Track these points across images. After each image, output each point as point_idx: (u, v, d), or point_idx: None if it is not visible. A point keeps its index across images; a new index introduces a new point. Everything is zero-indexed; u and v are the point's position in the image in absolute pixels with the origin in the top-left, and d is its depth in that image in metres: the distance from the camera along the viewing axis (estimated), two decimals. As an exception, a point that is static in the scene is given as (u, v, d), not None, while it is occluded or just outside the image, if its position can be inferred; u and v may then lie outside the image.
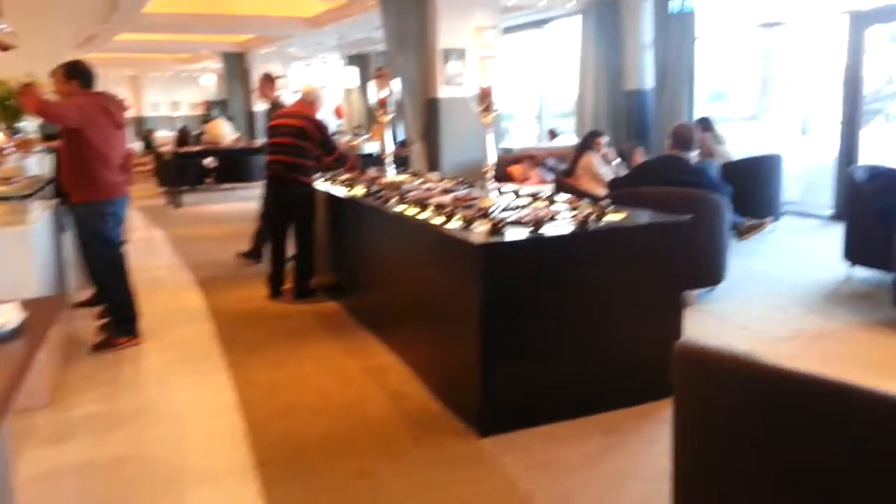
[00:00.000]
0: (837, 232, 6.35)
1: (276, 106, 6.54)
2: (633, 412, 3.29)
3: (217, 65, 17.74)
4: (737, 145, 8.12)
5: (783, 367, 1.59)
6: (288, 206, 5.35)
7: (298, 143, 5.25)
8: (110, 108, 4.35)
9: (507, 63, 11.60)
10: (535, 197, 4.14)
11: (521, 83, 12.55)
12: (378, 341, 4.39)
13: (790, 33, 8.68)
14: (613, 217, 3.41)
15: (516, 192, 4.34)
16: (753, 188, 6.97)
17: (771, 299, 5.14)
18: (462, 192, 4.26)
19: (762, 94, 9.23)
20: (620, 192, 4.92)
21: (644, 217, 3.51)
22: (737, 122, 9.26)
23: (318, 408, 3.51)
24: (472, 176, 6.05)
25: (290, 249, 5.50)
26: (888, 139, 7.72)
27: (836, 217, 7.77)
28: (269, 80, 6.80)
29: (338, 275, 5.37)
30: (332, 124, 14.00)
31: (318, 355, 4.24)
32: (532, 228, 3.18)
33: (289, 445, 3.12)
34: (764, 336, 4.40)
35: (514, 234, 3.14)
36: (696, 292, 4.96)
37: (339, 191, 5.11)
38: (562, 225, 3.28)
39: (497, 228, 3.14)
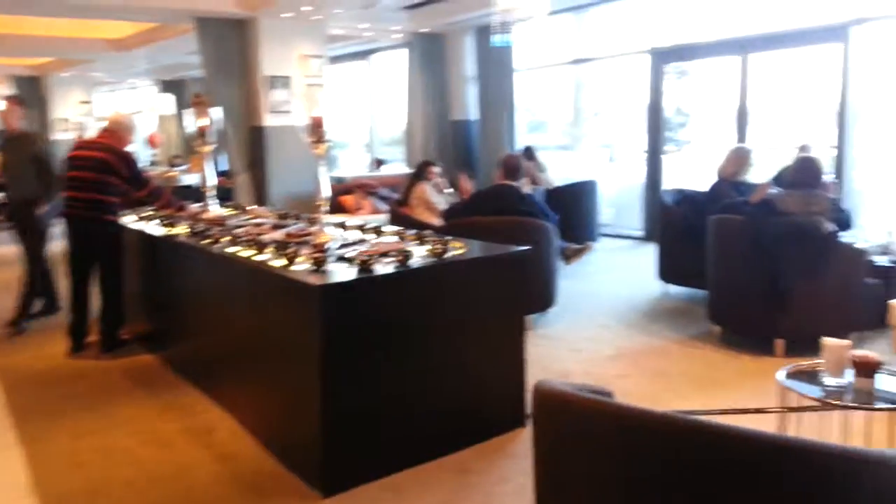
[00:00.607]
0: (649, 251, 6.86)
1: (15, 136, 5.69)
2: (485, 448, 3.21)
3: (8, 90, 15.92)
4: (556, 173, 8.58)
5: (632, 406, 1.65)
6: (90, 248, 4.77)
7: (100, 177, 4.70)
8: None
9: (334, 92, 11.48)
10: (363, 229, 4.00)
11: (349, 112, 12.49)
12: (203, 396, 3.96)
13: (598, 69, 9.37)
14: (454, 250, 3.34)
15: (343, 225, 4.18)
16: (574, 213, 7.35)
17: (597, 319, 5.38)
18: (295, 228, 4.01)
19: (574, 125, 9.85)
20: (456, 221, 4.93)
21: (488, 249, 3.48)
22: (553, 150, 9.79)
23: (130, 481, 3.06)
24: (303, 208, 5.80)
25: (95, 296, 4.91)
26: (681, 164, 8.51)
27: (647, 237, 8.42)
28: (13, 103, 5.83)
29: (154, 323, 4.86)
30: (146, 154, 13.06)
31: (130, 418, 3.74)
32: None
33: (99, 528, 2.69)
34: (595, 356, 4.56)
35: (349, 274, 2.96)
36: (530, 317, 5.07)
37: (156, 229, 4.64)
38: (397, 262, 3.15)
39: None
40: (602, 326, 5.21)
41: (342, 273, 2.97)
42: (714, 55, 7.97)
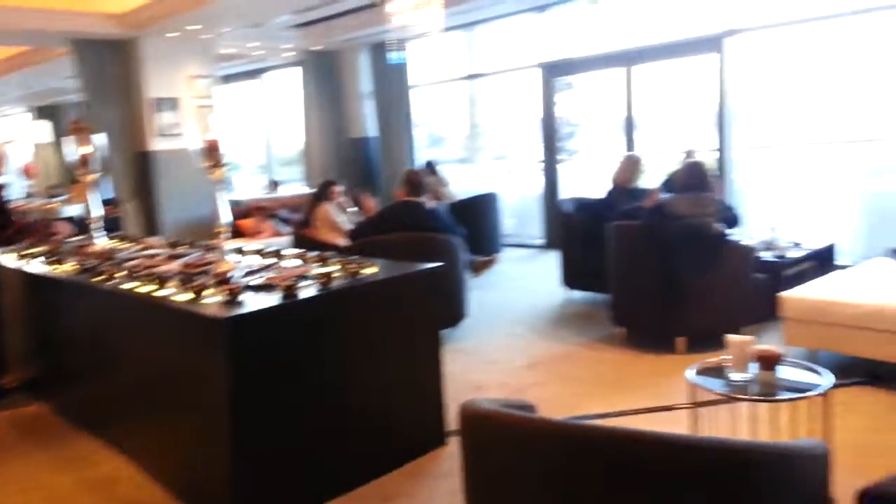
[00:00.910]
0: (551, 258, 7.02)
1: None
2: (407, 471, 3.16)
3: None
4: (456, 186, 8.66)
5: (558, 420, 1.68)
6: None
7: None
8: None
9: (227, 112, 11.14)
10: (262, 253, 3.87)
11: (244, 132, 12.14)
12: (102, 445, 3.67)
13: (491, 83, 9.56)
14: (366, 270, 3.28)
15: (240, 250, 4.03)
16: (478, 225, 7.43)
17: (508, 328, 5.45)
18: (192, 257, 3.82)
19: (471, 138, 10.00)
20: (364, 240, 4.86)
21: (400, 267, 3.43)
22: (452, 164, 9.89)
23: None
24: (199, 235, 5.56)
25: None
26: (573, 173, 8.78)
27: (548, 245, 8.63)
28: None
29: (41, 368, 4.49)
30: (22, 186, 12.20)
31: (21, 474, 3.43)
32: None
33: None
34: (508, 366, 4.60)
35: (259, 303, 2.84)
36: (443, 332, 5.06)
37: (40, 267, 4.30)
38: (311, 286, 3.06)
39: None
40: (513, 335, 5.27)
41: (252, 302, 2.85)
42: (601, 68, 8.30)
